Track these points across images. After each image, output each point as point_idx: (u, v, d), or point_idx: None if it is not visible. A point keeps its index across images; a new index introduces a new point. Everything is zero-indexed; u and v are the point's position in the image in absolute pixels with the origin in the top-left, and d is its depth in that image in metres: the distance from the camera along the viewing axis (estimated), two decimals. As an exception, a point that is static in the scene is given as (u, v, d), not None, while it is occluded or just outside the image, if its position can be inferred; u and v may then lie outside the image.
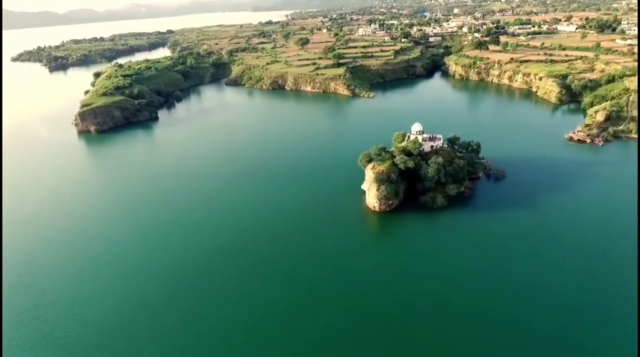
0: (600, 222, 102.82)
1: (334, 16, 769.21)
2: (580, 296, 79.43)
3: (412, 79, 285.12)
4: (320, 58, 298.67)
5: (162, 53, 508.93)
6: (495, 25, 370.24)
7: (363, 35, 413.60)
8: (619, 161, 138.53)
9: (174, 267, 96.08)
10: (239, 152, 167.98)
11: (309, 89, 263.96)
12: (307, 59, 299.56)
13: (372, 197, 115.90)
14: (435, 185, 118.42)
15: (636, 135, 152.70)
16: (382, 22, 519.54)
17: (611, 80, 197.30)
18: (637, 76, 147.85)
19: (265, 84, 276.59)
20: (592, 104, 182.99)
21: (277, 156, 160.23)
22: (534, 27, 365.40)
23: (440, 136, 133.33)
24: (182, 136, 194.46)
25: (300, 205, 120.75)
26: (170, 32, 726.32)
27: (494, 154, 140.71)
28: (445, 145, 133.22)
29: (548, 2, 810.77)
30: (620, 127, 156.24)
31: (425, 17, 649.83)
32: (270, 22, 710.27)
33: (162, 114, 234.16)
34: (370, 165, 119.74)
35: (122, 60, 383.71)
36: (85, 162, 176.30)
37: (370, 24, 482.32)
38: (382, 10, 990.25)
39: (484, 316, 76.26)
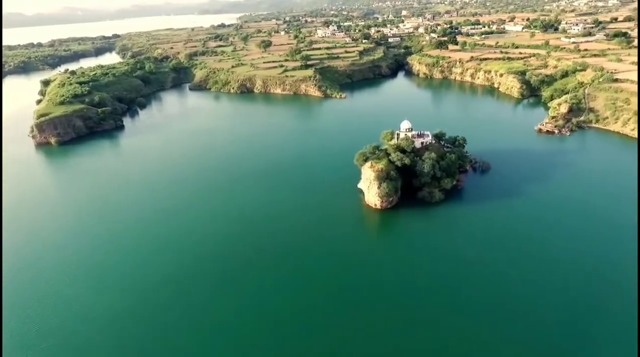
0: (585, 207, 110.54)
1: (287, 19, 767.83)
2: (581, 286, 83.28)
3: (379, 78, 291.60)
4: (286, 60, 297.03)
5: (111, 59, 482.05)
6: (449, 26, 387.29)
7: (323, 36, 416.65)
8: (587, 149, 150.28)
9: (168, 271, 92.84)
10: (220, 158, 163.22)
11: (278, 91, 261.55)
12: (274, 61, 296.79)
13: (373, 195, 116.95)
14: (431, 180, 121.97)
15: (598, 125, 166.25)
16: (338, 23, 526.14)
17: (565, 75, 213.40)
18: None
19: (233, 88, 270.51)
20: (552, 98, 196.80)
21: (262, 160, 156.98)
22: (484, 27, 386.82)
23: (428, 132, 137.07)
24: (155, 144, 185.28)
25: (297, 209, 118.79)
26: (116, 36, 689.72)
27: (474, 147, 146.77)
28: (433, 141, 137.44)
29: (488, 4, 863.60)
30: (582, 118, 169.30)
31: (377, 18, 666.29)
32: (223, 25, 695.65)
33: (126, 122, 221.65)
34: (368, 164, 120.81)
35: (66, 67, 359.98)
36: (48, 177, 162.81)
37: (329, 26, 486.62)
38: (332, 12, 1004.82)
39: (494, 310, 77.79)
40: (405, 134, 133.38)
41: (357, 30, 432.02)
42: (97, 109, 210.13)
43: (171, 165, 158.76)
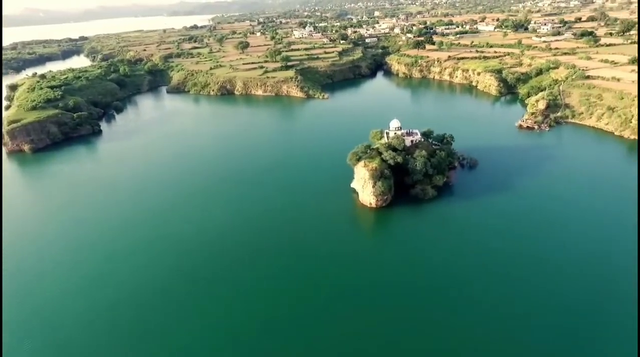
0: (571, 199, 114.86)
1: (261, 20, 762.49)
2: (576, 277, 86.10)
3: (359, 78, 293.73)
4: (266, 61, 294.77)
5: (80, 62, 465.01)
6: (424, 26, 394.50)
7: (300, 37, 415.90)
8: (567, 144, 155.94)
9: (158, 275, 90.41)
10: (206, 161, 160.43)
11: (260, 92, 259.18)
12: (253, 63, 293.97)
13: (368, 194, 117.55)
14: (423, 177, 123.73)
15: (574, 120, 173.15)
16: (314, 24, 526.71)
17: (539, 73, 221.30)
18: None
19: (213, 90, 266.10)
20: (528, 95, 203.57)
21: (250, 162, 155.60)
22: (458, 27, 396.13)
23: (417, 131, 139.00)
24: (136, 149, 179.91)
25: (291, 211, 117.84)
26: (83, 38, 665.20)
27: (459, 144, 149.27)
28: (422, 139, 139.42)
29: (457, 5, 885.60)
30: (559, 114, 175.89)
31: (351, 19, 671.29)
32: (195, 27, 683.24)
33: (104, 126, 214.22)
34: (361, 163, 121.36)
35: (32, 71, 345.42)
36: (24, 186, 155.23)
37: (305, 27, 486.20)
38: (306, 13, 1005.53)
39: (493, 308, 78.87)
40: (395, 133, 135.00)
41: (334, 31, 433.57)
42: (72, 114, 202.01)
43: (155, 169, 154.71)
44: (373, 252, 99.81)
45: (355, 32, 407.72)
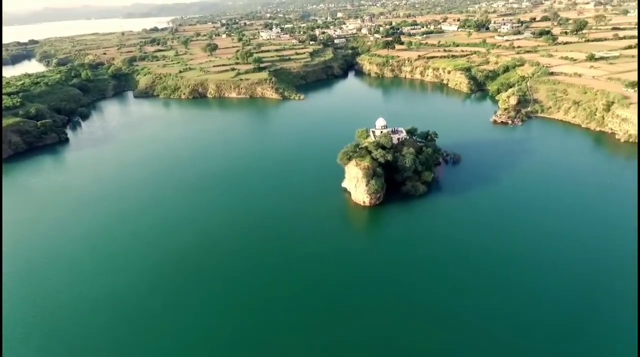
0: (554, 189, 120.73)
1: (224, 21, 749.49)
2: (571, 265, 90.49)
3: (331, 79, 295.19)
4: (237, 63, 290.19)
5: (32, 67, 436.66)
6: (390, 26, 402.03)
7: (268, 39, 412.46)
8: (540, 136, 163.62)
9: (144, 282, 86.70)
10: (185, 166, 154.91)
11: (234, 95, 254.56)
12: (224, 65, 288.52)
13: (361, 193, 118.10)
14: (412, 174, 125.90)
15: (543, 114, 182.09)
16: (280, 26, 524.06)
17: (506, 70, 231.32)
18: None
19: (184, 93, 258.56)
20: (498, 91, 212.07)
21: (234, 166, 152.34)
22: (422, 27, 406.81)
23: (402, 129, 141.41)
24: (109, 156, 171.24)
25: (283, 214, 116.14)
26: (33, 42, 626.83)
27: (440, 141, 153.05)
28: (407, 137, 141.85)
29: (417, 6, 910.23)
30: (529, 109, 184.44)
31: (315, 20, 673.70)
32: (156, 29, 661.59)
33: (69, 134, 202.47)
34: (352, 163, 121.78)
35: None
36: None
37: (272, 28, 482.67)
38: (268, 14, 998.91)
39: (494, 308, 79.21)
40: (382, 131, 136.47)
41: (301, 32, 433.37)
42: (35, 122, 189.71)
43: (131, 178, 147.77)
44: (372, 250, 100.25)
45: (323, 33, 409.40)
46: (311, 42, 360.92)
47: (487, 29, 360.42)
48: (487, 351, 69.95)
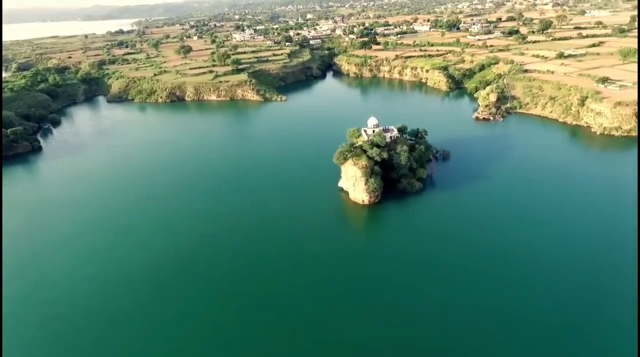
0: (543, 182, 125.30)
1: (192, 23, 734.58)
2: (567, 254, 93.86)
3: (311, 79, 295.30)
4: (214, 65, 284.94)
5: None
6: (364, 27, 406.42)
7: (242, 41, 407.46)
8: (522, 131, 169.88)
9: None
10: (173, 171, 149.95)
11: (213, 98, 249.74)
12: (201, 67, 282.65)
13: (360, 191, 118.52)
14: (408, 171, 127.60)
15: (522, 110, 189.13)
16: (251, 27, 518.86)
17: (482, 68, 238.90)
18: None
19: (161, 97, 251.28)
20: (476, 89, 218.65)
21: (225, 170, 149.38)
22: (395, 28, 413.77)
23: (393, 127, 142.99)
24: (87, 165, 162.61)
25: (282, 217, 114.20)
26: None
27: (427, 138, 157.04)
28: (398, 135, 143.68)
29: (384, 7, 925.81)
30: (508, 105, 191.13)
31: (287, 22, 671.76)
32: (121, 32, 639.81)
33: (42, 142, 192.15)
34: (350, 162, 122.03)
35: None
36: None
37: (244, 30, 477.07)
38: (237, 16, 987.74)
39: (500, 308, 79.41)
40: (375, 130, 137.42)
41: (276, 34, 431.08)
42: (5, 129, 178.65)
43: (118, 185, 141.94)
44: (375, 248, 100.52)
45: (298, 34, 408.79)
46: (287, 44, 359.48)
47: (458, 29, 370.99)
48: (488, 350, 69.63)
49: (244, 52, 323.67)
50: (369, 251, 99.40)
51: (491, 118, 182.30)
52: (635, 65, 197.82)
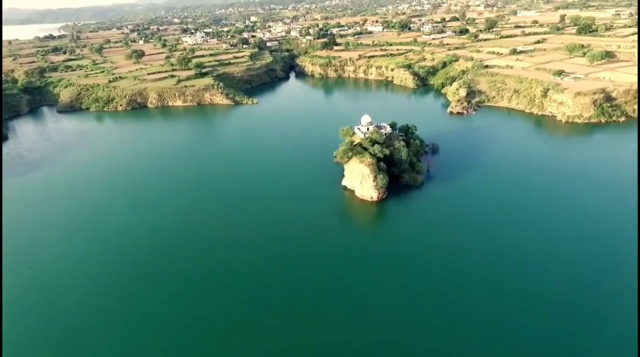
0: (531, 168, 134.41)
1: (131, 27, 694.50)
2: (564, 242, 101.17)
3: (276, 81, 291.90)
4: (174, 69, 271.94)
5: None
6: (320, 28, 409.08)
7: (194, 44, 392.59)
8: (496, 122, 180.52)
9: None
10: (156, 181, 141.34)
11: (179, 103, 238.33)
12: (160, 72, 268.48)
13: (368, 188, 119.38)
14: (408, 166, 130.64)
15: (490, 103, 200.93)
16: (197, 29, 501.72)
17: (444, 65, 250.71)
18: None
19: (121, 105, 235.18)
20: (443, 85, 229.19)
21: (218, 175, 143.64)
22: (348, 29, 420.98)
23: (385, 124, 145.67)
24: (52, 183, 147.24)
25: (291, 221, 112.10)
26: None
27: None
28: (391, 132, 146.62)
29: (328, 9, 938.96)
30: (477, 99, 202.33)
31: (232, 25, 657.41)
32: (51, 37, 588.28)
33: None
34: (355, 160, 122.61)
35: None
36: None
37: (195, 33, 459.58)
38: (176, 20, 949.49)
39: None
40: (369, 128, 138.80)
41: (229, 36, 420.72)
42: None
43: (94, 200, 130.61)
44: (393, 243, 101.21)
45: (253, 36, 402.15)
46: (244, 46, 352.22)
47: (410, 29, 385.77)
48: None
49: (203, 56, 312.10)
50: (387, 247, 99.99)
51: (465, 112, 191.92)
52: (581, 59, 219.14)
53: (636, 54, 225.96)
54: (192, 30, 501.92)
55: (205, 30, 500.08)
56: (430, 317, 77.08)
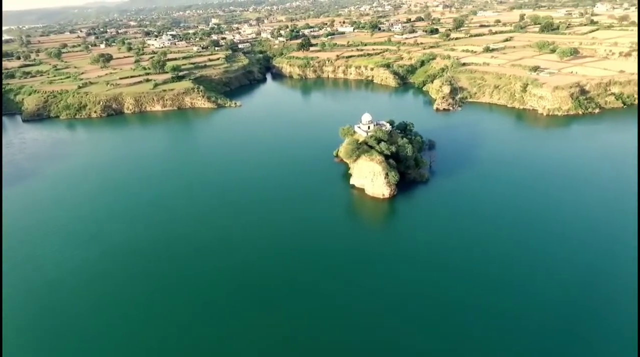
0: (527, 159, 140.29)
1: (85, 30, 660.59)
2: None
3: (254, 83, 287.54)
4: (148, 73, 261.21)
5: None
6: (291, 29, 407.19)
7: (161, 47, 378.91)
8: (482, 118, 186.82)
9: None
10: (159, 187, 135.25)
11: (158, 108, 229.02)
12: (133, 76, 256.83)
13: (380, 186, 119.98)
14: (413, 162, 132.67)
15: (472, 99, 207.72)
16: (160, 32, 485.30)
17: (422, 64, 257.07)
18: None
19: (95, 112, 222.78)
20: (424, 83, 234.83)
21: (222, 179, 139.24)
22: (319, 29, 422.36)
23: (384, 122, 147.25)
24: (43, 192, 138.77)
25: (302, 221, 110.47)
26: None
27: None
28: (391, 129, 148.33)
29: (290, 11, 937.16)
30: (460, 96, 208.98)
31: (196, 27, 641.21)
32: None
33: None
34: (365, 158, 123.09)
35: None
36: None
37: (161, 36, 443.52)
38: (132, 22, 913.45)
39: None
40: (370, 126, 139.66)
41: (198, 39, 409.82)
42: None
43: (87, 212, 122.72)
44: (411, 238, 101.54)
45: (223, 38, 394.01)
46: (216, 48, 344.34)
47: (379, 29, 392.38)
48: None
49: (175, 59, 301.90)
50: (405, 243, 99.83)
51: (451, 108, 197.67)
52: (553, 55, 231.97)
53: (597, 50, 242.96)
54: (156, 33, 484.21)
55: (170, 32, 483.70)
56: (458, 315, 76.86)
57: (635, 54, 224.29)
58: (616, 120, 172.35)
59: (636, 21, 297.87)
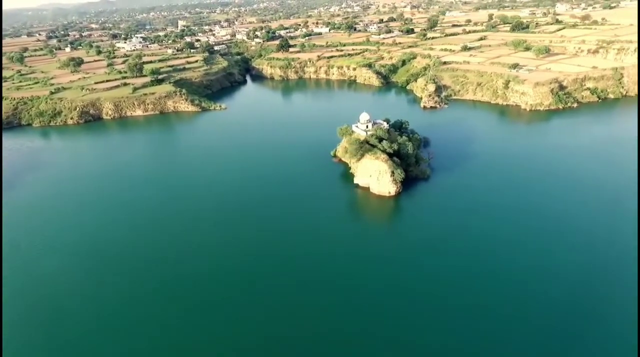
0: (520, 154, 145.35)
1: (44, 34, 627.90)
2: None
3: (235, 86, 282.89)
4: (125, 77, 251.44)
5: None
6: (267, 31, 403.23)
7: (133, 50, 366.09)
8: (469, 114, 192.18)
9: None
10: (149, 199, 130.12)
11: (139, 113, 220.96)
12: (109, 81, 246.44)
13: (386, 184, 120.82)
14: (414, 159, 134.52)
15: (457, 97, 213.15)
16: (134, 35, 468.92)
17: (404, 63, 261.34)
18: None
19: (72, 118, 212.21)
20: (407, 82, 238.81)
21: (223, 185, 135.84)
22: (295, 30, 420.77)
23: (381, 121, 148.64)
24: (25, 202, 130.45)
25: (310, 222, 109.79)
26: None
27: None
28: (389, 128, 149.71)
29: (259, 12, 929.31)
30: (445, 94, 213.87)
31: (164, 29, 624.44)
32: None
33: None
34: (370, 157, 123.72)
35: None
36: None
37: (131, 38, 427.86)
38: (93, 25, 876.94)
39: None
40: (368, 125, 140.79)
41: (171, 41, 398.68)
42: None
43: (77, 219, 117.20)
44: (422, 234, 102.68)
45: (198, 40, 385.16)
46: (192, 51, 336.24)
47: (355, 29, 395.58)
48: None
49: (151, 62, 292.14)
50: (416, 239, 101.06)
51: (437, 106, 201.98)
52: (527, 53, 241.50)
53: (567, 48, 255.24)
54: (124, 36, 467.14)
55: (140, 35, 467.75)
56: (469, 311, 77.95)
57: (602, 51, 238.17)
58: (594, 113, 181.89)
59: (598, 20, 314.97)
